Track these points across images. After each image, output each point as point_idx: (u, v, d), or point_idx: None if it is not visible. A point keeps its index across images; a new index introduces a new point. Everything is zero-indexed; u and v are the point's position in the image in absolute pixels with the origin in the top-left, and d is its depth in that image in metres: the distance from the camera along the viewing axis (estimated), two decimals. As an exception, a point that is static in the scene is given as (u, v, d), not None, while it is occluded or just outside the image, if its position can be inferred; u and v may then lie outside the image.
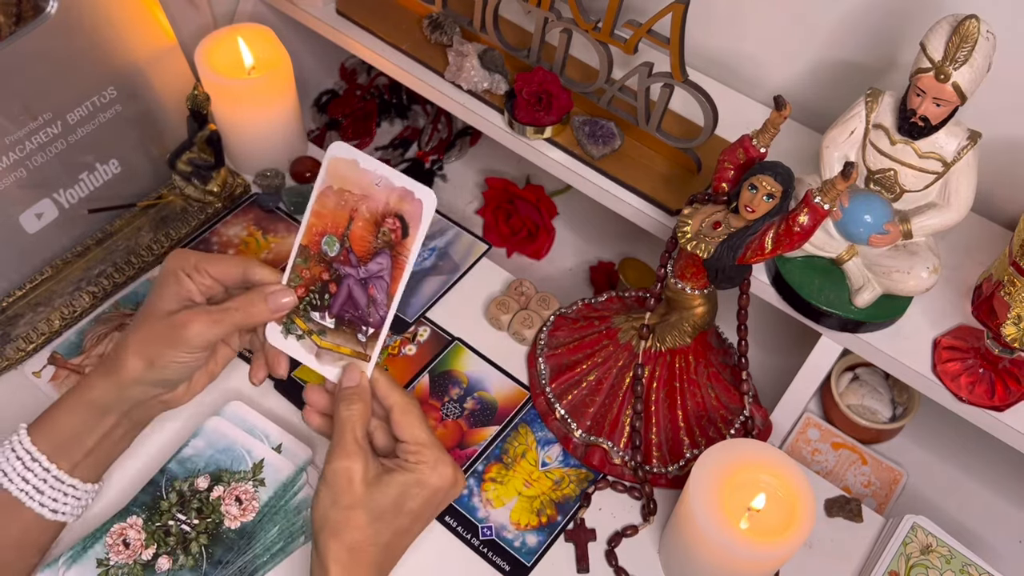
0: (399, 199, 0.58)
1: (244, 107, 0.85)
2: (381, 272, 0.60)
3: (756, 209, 0.60)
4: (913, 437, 0.86)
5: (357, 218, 0.60)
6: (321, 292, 0.62)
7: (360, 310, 0.61)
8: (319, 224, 0.61)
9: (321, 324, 0.62)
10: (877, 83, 0.76)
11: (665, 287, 0.71)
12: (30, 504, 0.60)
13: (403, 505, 0.58)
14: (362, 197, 0.59)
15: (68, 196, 0.79)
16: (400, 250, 0.59)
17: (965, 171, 0.64)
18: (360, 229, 0.60)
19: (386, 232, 0.59)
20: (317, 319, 0.62)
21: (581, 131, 0.80)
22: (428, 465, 0.58)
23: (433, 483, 0.58)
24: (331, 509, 0.56)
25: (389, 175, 0.58)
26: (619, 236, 1.01)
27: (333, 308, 0.62)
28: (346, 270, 0.61)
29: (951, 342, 0.70)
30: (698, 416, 0.74)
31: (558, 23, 0.77)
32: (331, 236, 0.61)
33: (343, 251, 0.60)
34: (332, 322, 0.62)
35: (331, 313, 0.62)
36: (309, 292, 0.62)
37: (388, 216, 0.59)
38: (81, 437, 0.61)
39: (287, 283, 0.62)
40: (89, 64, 0.76)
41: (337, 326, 0.62)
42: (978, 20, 0.56)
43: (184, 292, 0.62)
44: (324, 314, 0.62)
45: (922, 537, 0.70)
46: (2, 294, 0.78)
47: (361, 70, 1.14)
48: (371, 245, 0.60)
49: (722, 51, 0.87)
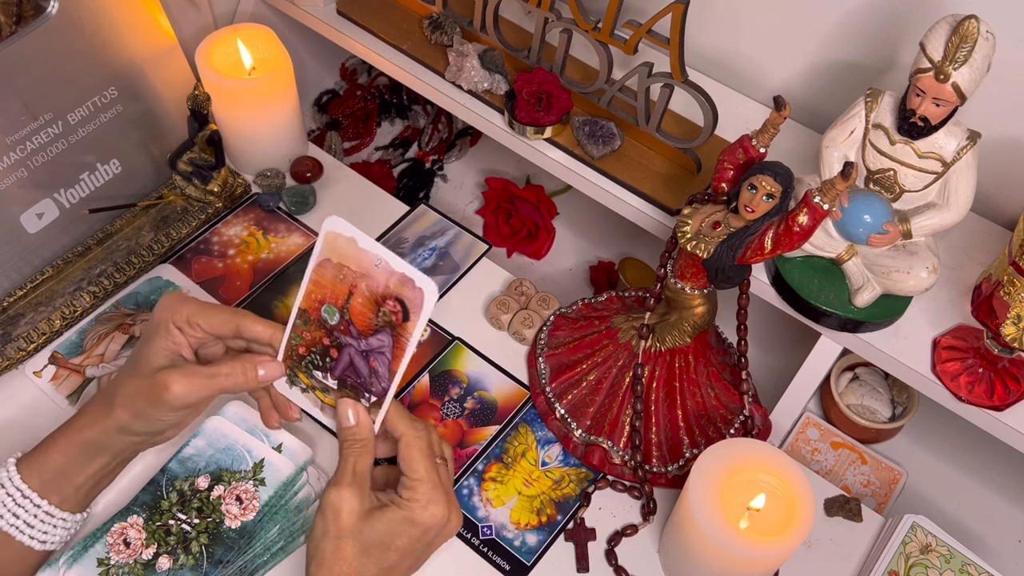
0: (399, 283, 0.57)
1: (244, 107, 0.85)
2: (382, 348, 0.59)
3: (756, 209, 0.61)
4: (913, 437, 0.86)
5: (357, 294, 0.59)
6: (323, 354, 0.62)
7: (362, 378, 0.61)
8: (318, 292, 0.60)
9: (324, 383, 0.63)
10: (877, 83, 0.77)
11: (665, 287, 0.71)
12: (20, 538, 0.60)
13: (392, 542, 0.58)
14: (361, 275, 0.58)
15: (69, 196, 0.80)
16: (401, 332, 0.58)
17: (965, 171, 0.64)
18: (360, 305, 0.59)
19: (387, 313, 0.58)
20: (319, 378, 0.63)
21: (581, 131, 0.80)
22: (420, 504, 0.58)
23: (424, 521, 0.58)
24: (322, 539, 0.57)
25: (388, 259, 0.57)
26: (619, 236, 1.01)
27: (335, 371, 0.62)
28: (347, 339, 0.60)
29: (950, 342, 0.70)
30: (698, 416, 0.74)
31: (558, 23, 0.77)
32: (331, 306, 0.60)
33: (343, 322, 0.60)
34: (335, 383, 0.62)
35: (333, 375, 0.62)
36: (311, 352, 0.62)
37: (389, 298, 0.58)
38: (71, 475, 0.62)
39: (288, 341, 0.62)
40: (90, 64, 0.76)
41: (340, 387, 0.62)
42: (978, 20, 0.56)
43: (173, 347, 0.62)
44: (326, 375, 0.62)
45: (921, 536, 0.70)
46: (3, 294, 0.78)
47: (361, 70, 1.14)
48: (371, 322, 0.59)
49: (722, 51, 0.87)
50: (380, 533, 0.57)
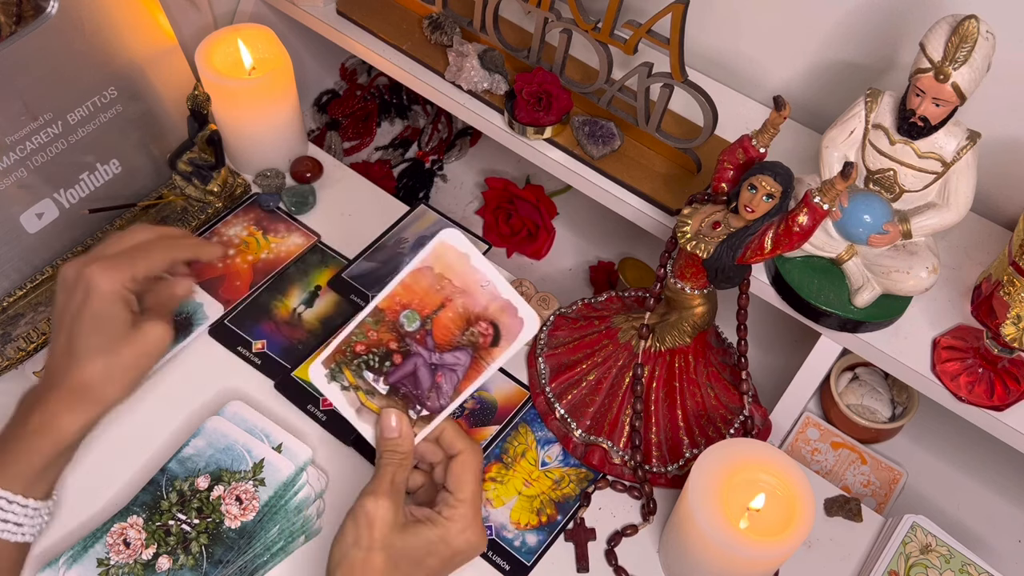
0: (500, 309, 0.58)
1: (244, 107, 0.85)
2: (456, 366, 0.59)
3: (756, 209, 0.61)
4: (912, 437, 0.86)
5: (449, 308, 0.59)
6: (382, 358, 0.61)
7: (420, 390, 0.60)
8: (404, 296, 0.59)
9: (372, 386, 0.61)
10: (877, 83, 0.77)
11: (665, 287, 0.71)
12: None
13: (423, 560, 0.57)
14: (462, 291, 0.58)
15: (69, 196, 0.80)
16: (484, 355, 0.59)
17: (964, 171, 0.64)
18: (448, 320, 0.59)
19: (475, 333, 0.59)
20: (369, 380, 0.61)
21: (581, 131, 0.80)
22: (458, 527, 0.58)
23: (458, 545, 0.58)
24: (353, 547, 0.55)
25: (497, 282, 0.58)
26: (619, 236, 1.01)
27: (391, 377, 0.61)
28: (418, 348, 0.60)
29: (950, 342, 0.70)
30: (698, 416, 0.74)
31: (558, 23, 0.77)
32: (414, 312, 0.59)
33: (421, 331, 0.59)
34: (385, 389, 0.61)
35: (387, 381, 0.61)
36: (369, 352, 0.61)
37: (483, 320, 0.58)
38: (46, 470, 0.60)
39: (347, 335, 0.61)
40: (90, 64, 0.76)
41: (390, 394, 0.61)
42: (977, 20, 0.56)
43: (130, 310, 0.60)
44: (379, 379, 0.61)
45: (921, 536, 0.70)
46: (3, 294, 0.78)
47: (361, 70, 1.14)
48: (454, 339, 0.59)
49: (722, 51, 0.87)
50: (412, 549, 0.56)
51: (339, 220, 0.89)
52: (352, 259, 0.86)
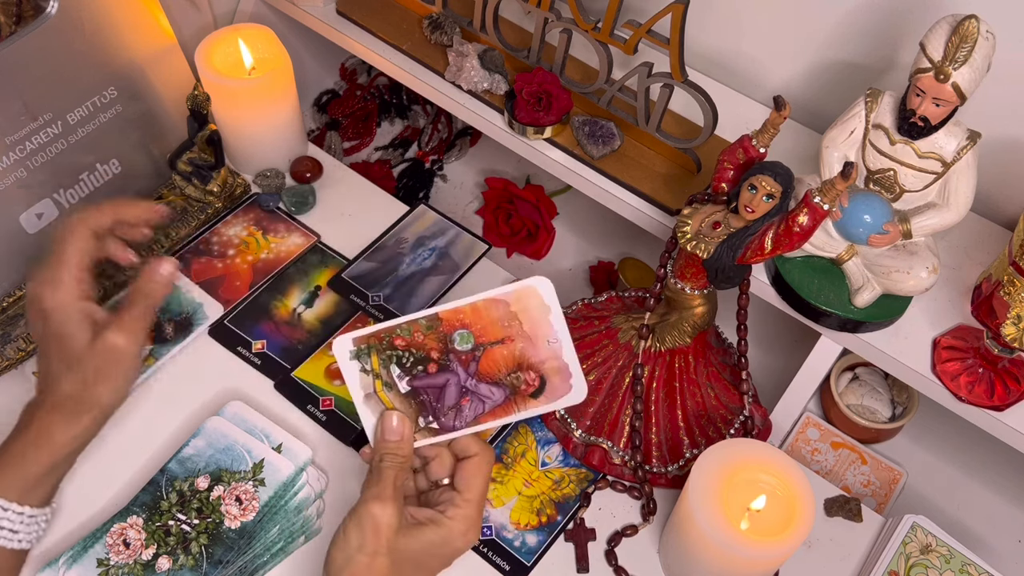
0: (555, 369, 0.59)
1: (244, 107, 0.85)
2: (487, 399, 0.59)
3: (756, 209, 0.60)
4: (913, 437, 0.86)
5: (507, 346, 0.58)
6: (417, 361, 0.60)
7: (440, 404, 0.60)
8: (469, 317, 0.58)
9: (393, 381, 0.60)
10: (877, 83, 0.77)
11: (665, 287, 0.71)
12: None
13: (425, 562, 0.57)
14: (527, 337, 0.58)
15: (68, 196, 0.79)
16: (519, 401, 0.59)
17: (964, 171, 0.64)
18: (500, 356, 0.59)
19: (520, 379, 0.59)
20: (394, 374, 0.60)
21: (581, 131, 0.80)
22: (460, 528, 0.57)
23: (458, 547, 0.58)
24: (357, 552, 0.55)
25: (564, 345, 0.58)
26: (619, 236, 1.01)
27: (417, 380, 0.60)
28: (457, 367, 0.59)
29: (950, 342, 0.70)
30: (698, 416, 0.74)
31: (558, 23, 0.77)
32: (470, 333, 0.59)
33: (469, 354, 0.59)
34: (406, 389, 0.60)
35: (411, 382, 0.60)
36: (408, 350, 0.60)
37: (534, 370, 0.59)
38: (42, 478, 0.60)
39: (392, 325, 0.59)
40: (89, 64, 0.76)
41: (408, 396, 0.60)
42: (978, 20, 0.56)
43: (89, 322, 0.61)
44: (404, 377, 0.60)
45: (922, 537, 0.70)
46: (2, 294, 0.78)
47: (361, 70, 1.14)
48: (498, 375, 0.59)
49: (722, 51, 0.87)
50: (415, 552, 0.56)
51: (339, 220, 0.89)
52: (352, 259, 0.86)
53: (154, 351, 0.77)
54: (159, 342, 0.78)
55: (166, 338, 0.78)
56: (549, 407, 0.60)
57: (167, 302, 0.81)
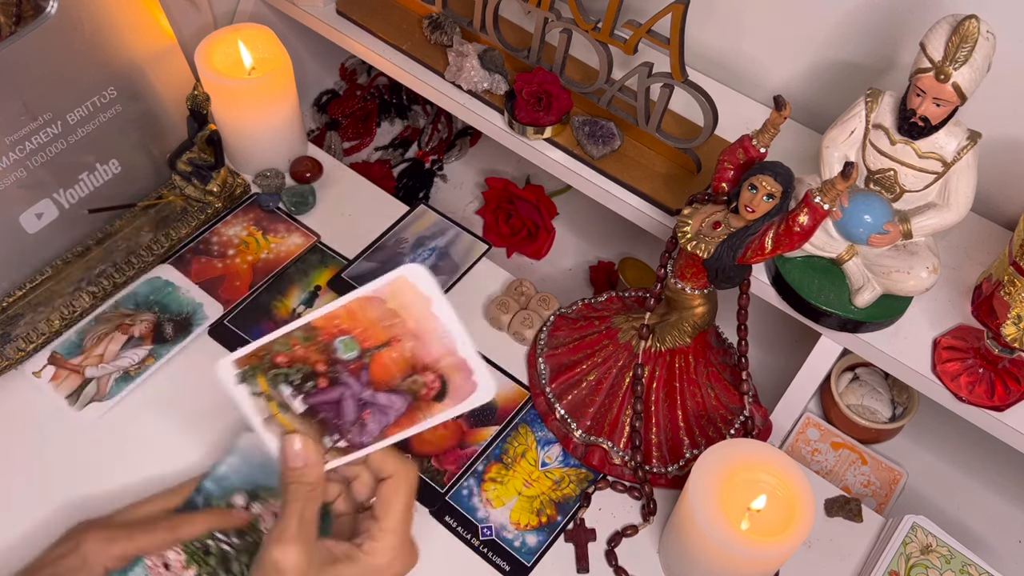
0: (453, 366, 0.52)
1: (244, 107, 0.85)
2: (388, 409, 0.53)
3: (756, 209, 0.60)
4: (913, 437, 0.86)
5: (395, 348, 0.52)
6: (305, 377, 0.53)
7: (341, 420, 0.53)
8: (346, 322, 0.52)
9: (286, 401, 0.54)
10: (877, 83, 0.77)
11: (665, 287, 0.71)
12: None
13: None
14: (414, 335, 0.52)
15: (68, 196, 0.79)
16: (423, 408, 0.53)
17: (965, 171, 0.64)
18: (391, 360, 0.52)
19: (419, 383, 0.52)
20: (285, 394, 0.54)
21: (581, 131, 0.80)
22: (383, 559, 0.51)
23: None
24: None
25: (458, 338, 0.51)
26: (619, 236, 1.01)
27: (311, 398, 0.54)
28: (349, 379, 0.53)
29: (951, 342, 0.70)
30: (698, 416, 0.74)
31: (558, 23, 0.77)
32: (353, 340, 0.52)
33: (357, 362, 0.52)
34: (302, 408, 0.54)
35: (306, 401, 0.54)
36: (292, 366, 0.53)
37: (431, 371, 0.52)
38: None
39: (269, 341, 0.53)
40: (89, 64, 0.76)
41: (306, 415, 0.54)
42: (978, 20, 0.56)
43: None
44: (297, 396, 0.53)
45: (922, 537, 0.70)
46: (2, 294, 0.78)
47: (361, 70, 1.14)
48: (393, 381, 0.53)
49: (722, 51, 0.87)
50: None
51: (339, 220, 0.89)
52: (352, 259, 0.86)
53: (154, 351, 0.77)
54: (159, 342, 0.78)
55: (166, 338, 0.78)
56: (458, 410, 0.52)
57: (167, 302, 0.81)
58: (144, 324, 0.79)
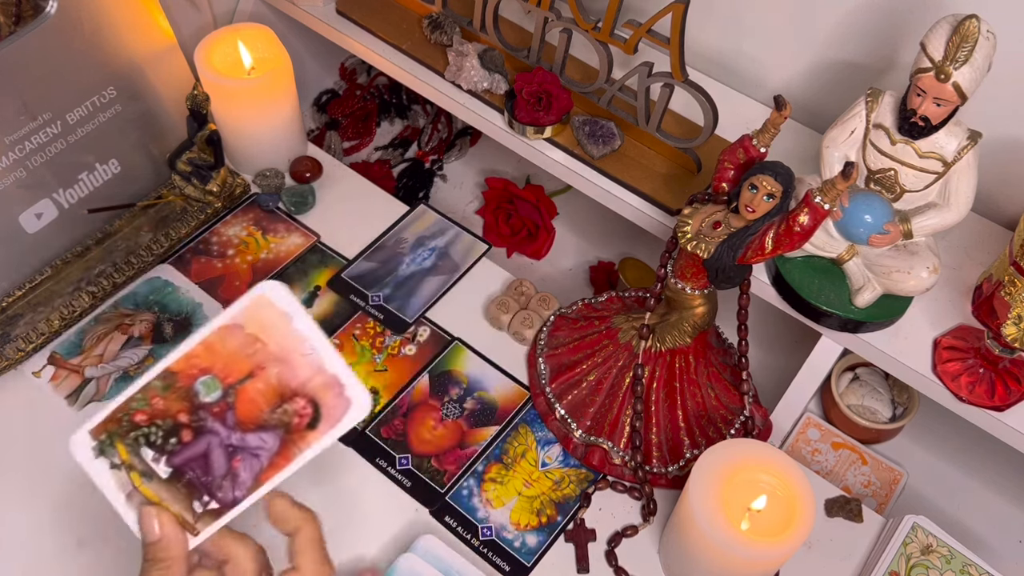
0: (323, 385, 0.48)
1: (244, 107, 0.85)
2: (259, 451, 0.48)
3: (756, 209, 0.60)
4: (913, 437, 0.86)
5: (260, 378, 0.48)
6: (168, 432, 0.49)
7: (211, 477, 0.48)
8: (205, 359, 0.48)
9: (149, 467, 0.49)
10: (877, 83, 0.77)
11: (665, 287, 0.71)
12: None
13: None
14: (278, 359, 0.48)
15: (68, 196, 0.79)
16: (297, 440, 0.48)
17: (965, 171, 0.64)
18: (257, 392, 0.48)
19: (289, 412, 0.48)
20: (148, 458, 0.49)
21: (581, 131, 0.80)
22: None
23: None
24: None
25: (324, 353, 0.48)
26: (619, 236, 1.01)
27: (176, 458, 0.49)
28: (214, 425, 0.48)
29: (951, 342, 0.70)
30: (698, 416, 0.74)
31: (558, 23, 0.77)
32: (214, 379, 0.48)
33: (222, 403, 0.48)
34: (167, 472, 0.49)
35: (170, 462, 0.49)
36: (152, 424, 0.49)
37: (301, 396, 0.48)
38: None
39: (128, 401, 0.49)
40: (89, 64, 0.76)
41: (171, 480, 0.49)
42: (978, 20, 0.56)
43: None
44: (161, 458, 0.49)
45: (922, 537, 0.70)
46: (2, 294, 0.78)
47: (361, 70, 1.14)
48: (262, 416, 0.48)
49: (722, 51, 0.87)
50: None
51: (339, 220, 0.89)
52: (352, 259, 0.85)
53: (153, 351, 0.77)
54: (159, 342, 0.78)
55: (166, 338, 0.78)
56: (334, 435, 0.48)
57: (166, 302, 0.81)
58: (144, 324, 0.79)
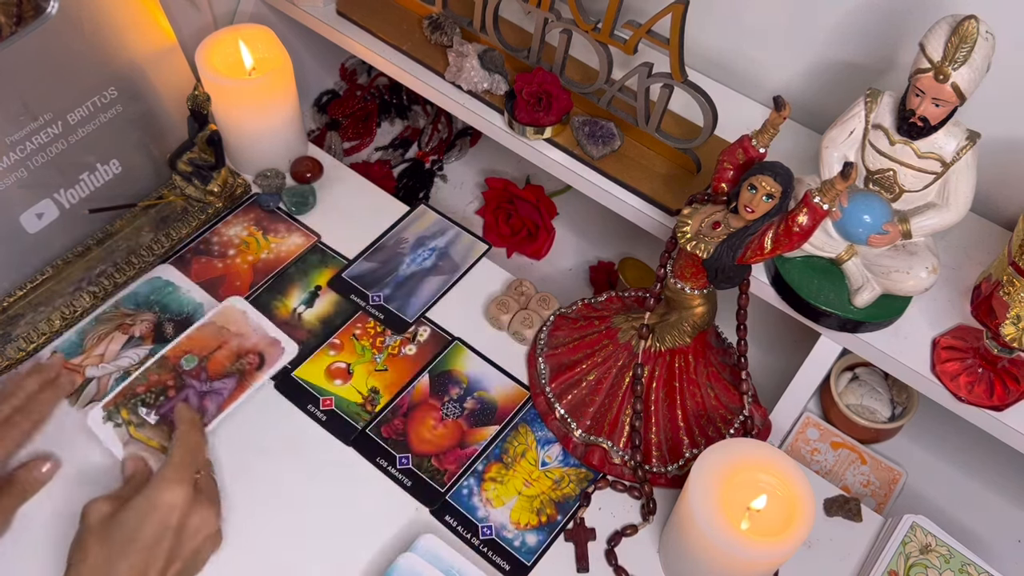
0: (268, 343, 0.77)
1: (244, 107, 0.85)
2: (223, 390, 0.73)
3: (755, 209, 0.61)
4: (912, 437, 0.86)
5: (225, 347, 0.75)
6: (158, 394, 0.73)
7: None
8: (188, 345, 0.75)
9: (143, 419, 0.71)
10: (876, 83, 0.77)
11: (665, 287, 0.71)
12: None
13: (136, 535, 0.58)
14: (237, 335, 0.76)
15: (69, 196, 0.80)
16: (248, 378, 0.74)
17: (964, 171, 0.64)
18: (222, 356, 0.75)
19: (243, 363, 0.75)
20: (142, 414, 0.72)
21: (581, 131, 0.80)
22: (161, 485, 0.60)
23: (162, 501, 0.59)
24: (72, 546, 0.59)
25: (268, 327, 0.77)
26: (619, 236, 1.01)
27: (162, 408, 0.72)
28: (192, 382, 0.73)
29: (950, 342, 0.70)
30: (698, 416, 0.74)
31: (558, 24, 0.77)
32: (192, 355, 0.75)
33: (197, 368, 0.74)
34: (155, 419, 0.71)
35: (158, 412, 0.72)
36: (149, 391, 0.73)
37: (252, 352, 0.76)
38: None
39: (132, 380, 0.73)
40: (90, 64, 0.76)
41: (157, 423, 0.71)
42: (977, 20, 0.56)
43: None
44: (151, 411, 0.72)
45: (921, 536, 0.70)
46: (3, 294, 0.78)
47: (361, 70, 1.14)
48: (225, 369, 0.74)
49: (722, 51, 0.87)
50: (124, 528, 0.58)
51: (339, 220, 0.89)
52: (352, 259, 0.86)
53: (154, 351, 0.77)
54: (160, 342, 0.78)
55: (167, 338, 0.78)
56: (274, 368, 0.75)
57: (167, 302, 0.81)
58: (144, 324, 0.80)
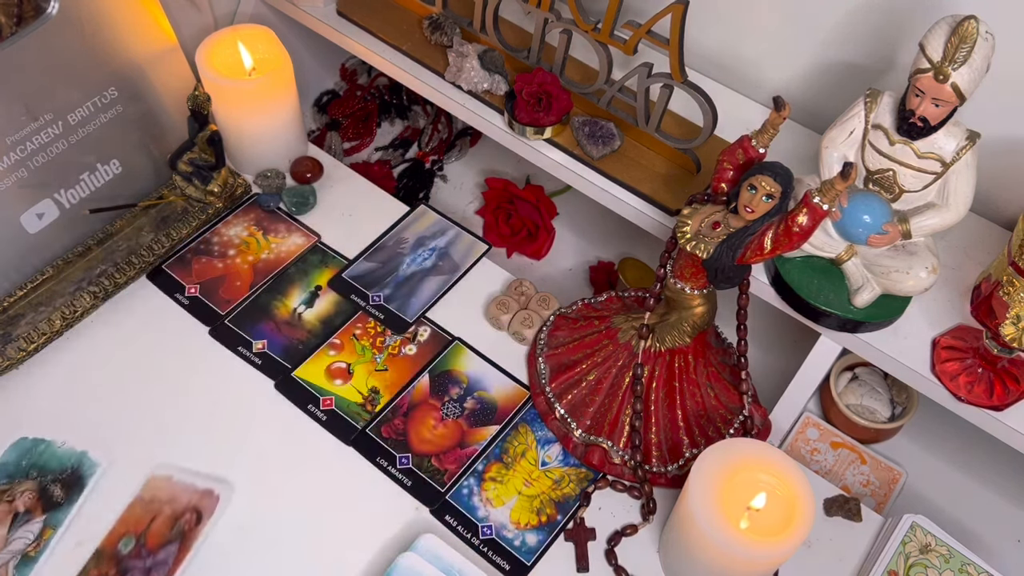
0: (201, 497, 0.70)
1: (245, 108, 0.85)
2: (167, 559, 0.68)
3: (755, 209, 0.61)
4: (912, 437, 0.86)
5: (159, 517, 0.69)
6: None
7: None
8: (121, 529, 0.69)
9: None
10: (876, 84, 0.77)
11: (665, 287, 0.71)
12: None
13: None
14: (168, 500, 0.70)
15: (69, 196, 0.80)
16: (190, 536, 0.69)
17: (964, 171, 0.64)
18: (159, 526, 0.69)
19: (182, 525, 0.69)
20: None
21: (581, 131, 0.80)
22: None
23: None
24: None
25: (194, 480, 0.71)
26: (619, 236, 1.01)
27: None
28: (134, 563, 0.68)
29: (950, 342, 0.70)
30: (697, 416, 0.74)
31: (558, 24, 0.77)
32: (129, 537, 0.68)
33: (136, 547, 0.68)
34: None
35: None
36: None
37: (188, 511, 0.70)
38: None
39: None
40: (90, 65, 0.76)
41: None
42: (977, 21, 0.56)
43: None
44: None
45: (921, 536, 0.70)
46: (3, 294, 0.78)
47: (361, 70, 1.14)
48: (165, 538, 0.69)
49: (722, 52, 0.87)
50: None
51: (339, 220, 0.89)
52: (352, 259, 0.86)
53: (49, 520, 0.69)
54: (51, 509, 0.69)
55: (57, 502, 0.69)
56: (214, 518, 0.70)
57: (44, 463, 0.71)
58: (27, 495, 0.70)
